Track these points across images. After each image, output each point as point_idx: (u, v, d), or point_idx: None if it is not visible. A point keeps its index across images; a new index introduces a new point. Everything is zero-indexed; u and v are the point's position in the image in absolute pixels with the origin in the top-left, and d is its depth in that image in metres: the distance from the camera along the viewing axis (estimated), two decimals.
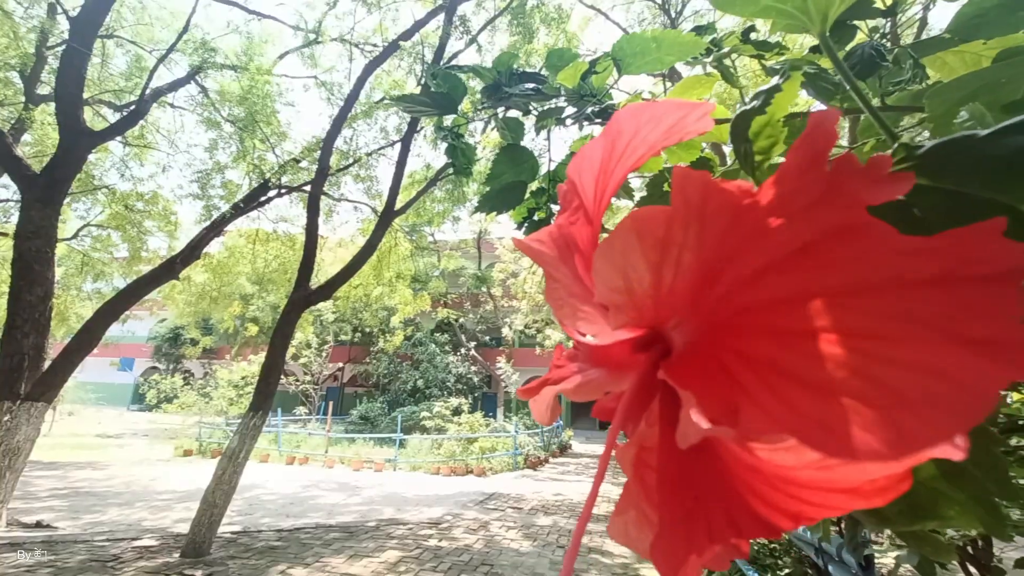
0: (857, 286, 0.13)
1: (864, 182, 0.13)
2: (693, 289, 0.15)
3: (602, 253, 0.16)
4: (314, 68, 8.64)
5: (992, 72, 0.46)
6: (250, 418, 4.89)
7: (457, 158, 1.32)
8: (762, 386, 0.14)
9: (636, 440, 0.17)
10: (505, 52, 1.05)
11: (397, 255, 9.38)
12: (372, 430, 15.76)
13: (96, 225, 9.52)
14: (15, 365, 5.08)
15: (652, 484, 0.17)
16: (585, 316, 0.19)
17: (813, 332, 0.13)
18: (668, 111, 0.17)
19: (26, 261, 5.28)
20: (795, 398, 0.13)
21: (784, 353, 0.14)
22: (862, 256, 0.13)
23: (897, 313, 0.12)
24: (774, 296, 0.14)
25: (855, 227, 0.13)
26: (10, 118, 7.34)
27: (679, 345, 0.16)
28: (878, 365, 0.12)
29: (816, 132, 0.13)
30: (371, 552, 4.81)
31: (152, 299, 12.65)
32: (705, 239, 0.15)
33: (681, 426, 0.14)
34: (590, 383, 0.18)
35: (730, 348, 0.15)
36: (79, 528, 5.44)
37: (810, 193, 0.13)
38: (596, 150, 0.18)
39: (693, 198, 0.14)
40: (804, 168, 0.13)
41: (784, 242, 0.14)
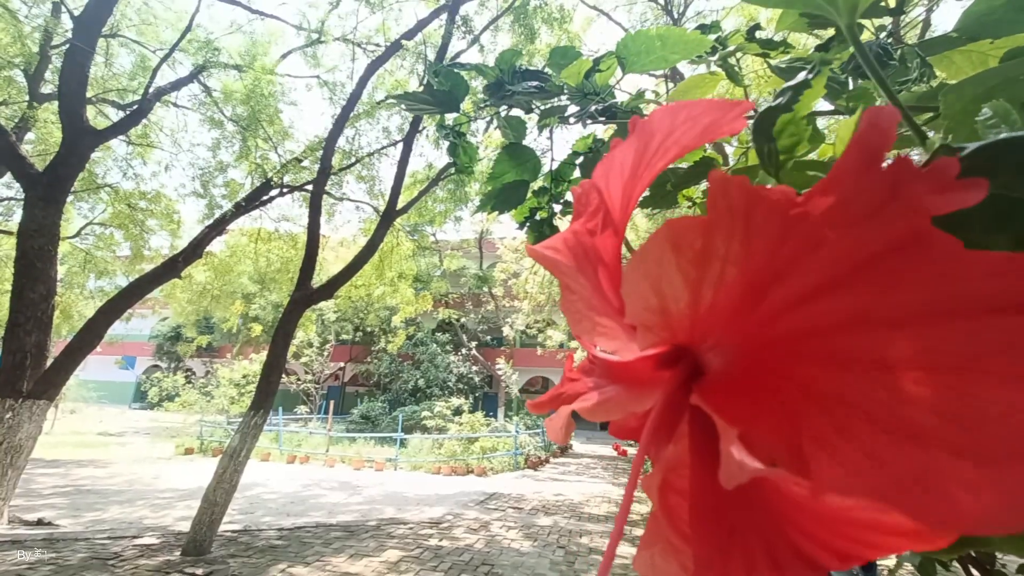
0: (934, 311, 0.11)
1: (928, 189, 0.11)
2: (737, 308, 0.14)
3: (634, 267, 0.15)
4: (317, 68, 8.64)
5: (1010, 68, 0.45)
6: (251, 417, 4.88)
7: (459, 157, 1.31)
8: (833, 427, 0.12)
9: (663, 467, 0.16)
10: (508, 50, 1.04)
11: (399, 255, 9.38)
12: (373, 429, 15.76)
13: (99, 223, 9.54)
14: (17, 363, 5.09)
15: (681, 515, 0.15)
16: (605, 331, 0.18)
17: (888, 364, 0.11)
18: (706, 111, 0.16)
19: (29, 259, 5.29)
20: (871, 441, 0.11)
21: (855, 387, 0.12)
22: (935, 275, 0.11)
23: (983, 343, 0.10)
24: (835, 319, 0.12)
25: (921, 240, 0.11)
26: (14, 116, 7.36)
27: (715, 368, 0.15)
28: (969, 406, 0.10)
29: (872, 132, 0.12)
30: (372, 551, 4.81)
31: (155, 298, 12.68)
32: (751, 252, 0.13)
33: (724, 464, 0.12)
34: (609, 402, 0.17)
35: (787, 375, 0.13)
36: (81, 526, 5.44)
37: (869, 201, 0.12)
38: (627, 154, 0.17)
39: (737, 206, 0.13)
40: (860, 172, 0.12)
41: (842, 256, 0.12)
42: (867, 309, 0.12)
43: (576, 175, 1.17)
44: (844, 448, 0.12)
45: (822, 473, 0.12)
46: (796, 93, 0.27)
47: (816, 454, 0.12)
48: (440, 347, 19.07)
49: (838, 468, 0.12)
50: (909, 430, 0.11)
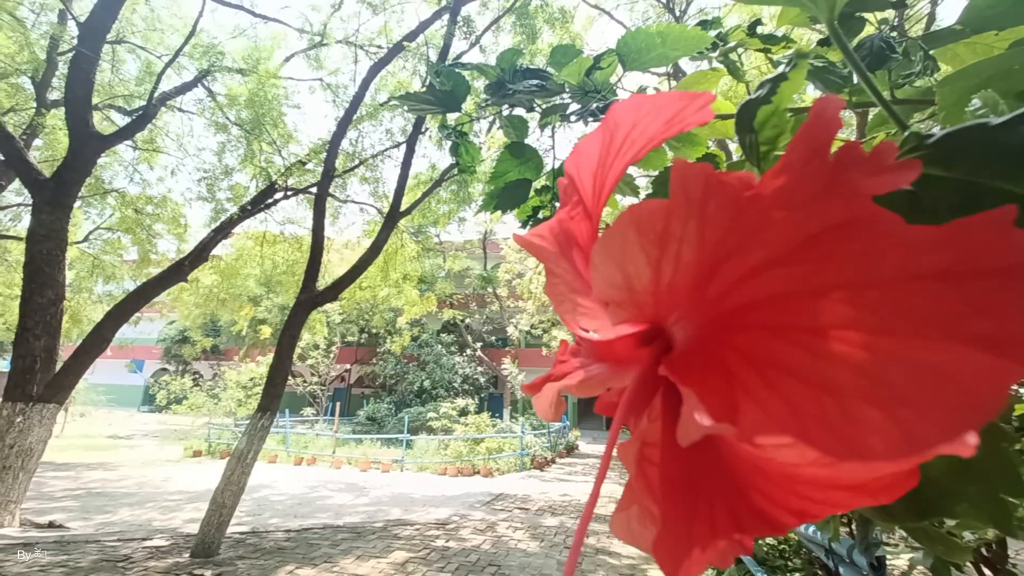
0: (863, 280, 0.12)
1: (869, 171, 0.13)
2: (693, 285, 0.15)
3: (600, 248, 0.16)
4: (319, 70, 8.69)
5: (1005, 59, 0.45)
6: (258, 419, 4.92)
7: (461, 156, 1.32)
8: (762, 383, 0.13)
9: (639, 436, 0.16)
10: (509, 49, 1.05)
11: (403, 256, 9.41)
12: (379, 431, 15.81)
13: (106, 228, 9.63)
14: (27, 367, 5.14)
15: (655, 480, 0.16)
16: (586, 311, 0.19)
17: (816, 328, 0.13)
18: (668, 102, 0.17)
19: (37, 264, 5.35)
20: (797, 396, 0.13)
21: (785, 349, 0.13)
22: (868, 249, 0.12)
23: (903, 309, 0.12)
24: (776, 291, 0.13)
25: (860, 219, 0.12)
26: (22, 123, 7.45)
27: (680, 341, 0.16)
28: (883, 363, 0.12)
29: (819, 120, 0.13)
30: (379, 552, 4.82)
31: (162, 301, 12.78)
32: (706, 233, 0.14)
33: (682, 423, 0.14)
34: (592, 379, 0.18)
35: (731, 344, 0.14)
36: (91, 528, 5.50)
37: (813, 184, 0.13)
38: (594, 144, 0.18)
39: (693, 191, 0.14)
40: (806, 158, 0.13)
41: (787, 236, 0.13)
42: (802, 281, 0.13)
43: None
44: (770, 400, 0.13)
45: (747, 417, 0.14)
46: (774, 85, 0.27)
47: (746, 406, 0.14)
48: (445, 348, 19.10)
49: (764, 416, 0.13)
50: (826, 382, 0.12)
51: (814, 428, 0.12)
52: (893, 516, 0.23)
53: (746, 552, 0.16)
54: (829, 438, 0.12)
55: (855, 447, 0.12)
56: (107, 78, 8.10)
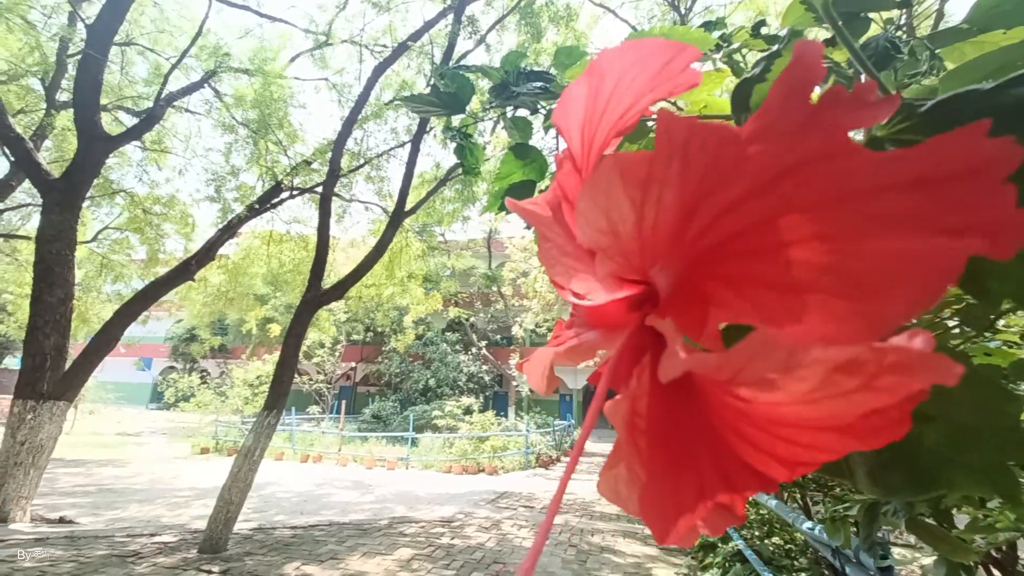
0: (835, 196, 0.13)
1: (848, 107, 0.13)
2: (675, 226, 0.15)
3: (585, 194, 0.16)
4: (325, 70, 8.72)
5: (1008, 53, 0.45)
6: (265, 417, 4.95)
7: (466, 158, 1.33)
8: (736, 296, 0.14)
9: (627, 395, 0.17)
10: (513, 51, 1.05)
11: (408, 255, 9.43)
12: (384, 429, 15.87)
13: (115, 228, 9.72)
14: (37, 365, 5.21)
15: (642, 440, 0.16)
16: (579, 275, 0.19)
17: (788, 242, 0.13)
18: (652, 52, 0.17)
19: (47, 264, 5.41)
20: (765, 298, 0.13)
21: (759, 265, 0.14)
22: (841, 172, 0.13)
23: (873, 214, 0.12)
24: (752, 220, 0.14)
25: (835, 150, 0.13)
26: (32, 124, 7.53)
27: (664, 289, 0.16)
28: (849, 260, 0.12)
29: (799, 63, 0.13)
30: (384, 550, 4.85)
31: (170, 300, 12.89)
32: (687, 174, 0.14)
33: (663, 361, 0.14)
34: (583, 344, 0.18)
35: (710, 276, 0.15)
36: (101, 524, 5.56)
37: (791, 120, 0.13)
38: (580, 93, 0.18)
39: (677, 137, 0.14)
40: (786, 97, 0.13)
41: (764, 167, 0.13)
42: (777, 205, 0.13)
43: None
44: (740, 305, 0.14)
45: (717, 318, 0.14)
46: (769, 63, 0.27)
47: (717, 314, 0.14)
48: (450, 347, 19.14)
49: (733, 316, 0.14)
50: (796, 284, 0.13)
51: (778, 314, 0.13)
52: (891, 488, 0.22)
53: (736, 520, 0.16)
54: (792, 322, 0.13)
55: (817, 331, 0.12)
56: (116, 79, 8.17)
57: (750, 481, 0.15)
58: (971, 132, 0.12)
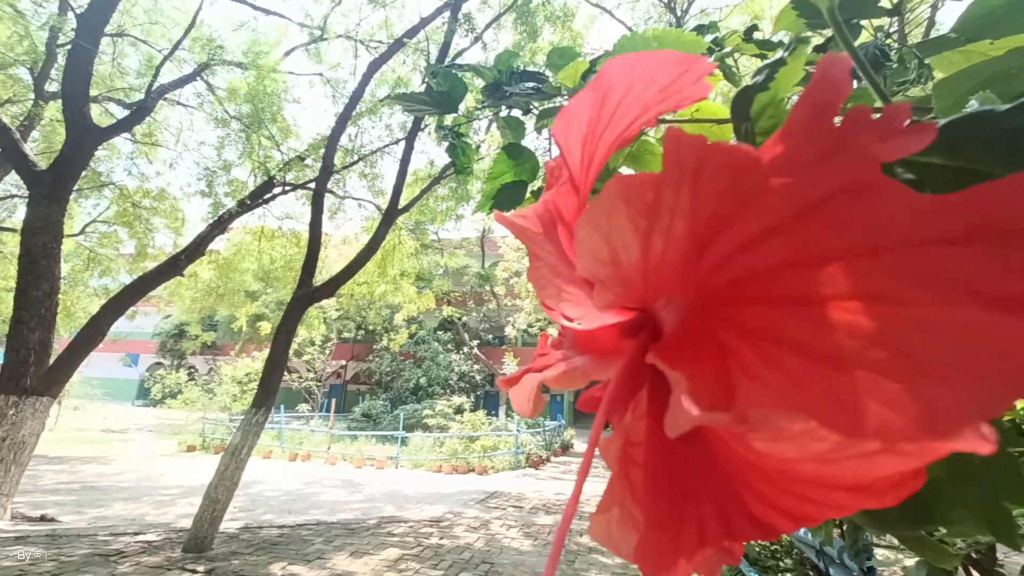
0: (870, 246, 0.11)
1: (878, 135, 0.11)
2: (685, 259, 0.14)
3: (586, 219, 0.15)
4: (319, 64, 8.65)
5: (1002, 61, 0.45)
6: (253, 414, 4.90)
7: (458, 157, 1.32)
8: (762, 360, 0.12)
9: (622, 432, 0.16)
10: (506, 51, 1.04)
11: (401, 253, 9.39)
12: (374, 428, 15.80)
13: (103, 221, 9.58)
14: (21, 360, 5.11)
15: (638, 480, 0.15)
16: (570, 297, 0.18)
17: (820, 298, 0.12)
18: (664, 65, 0.16)
19: (33, 256, 5.32)
20: (801, 371, 0.12)
21: (786, 322, 0.12)
22: (875, 214, 0.11)
23: (917, 273, 0.11)
24: (775, 262, 0.12)
25: (866, 185, 0.11)
26: (20, 115, 7.39)
27: (670, 325, 0.15)
28: (898, 331, 0.11)
29: (824, 80, 0.12)
30: (372, 549, 4.82)
31: (158, 295, 12.74)
32: (699, 202, 0.13)
33: (671, 413, 0.13)
34: (574, 371, 0.17)
35: (725, 322, 0.13)
36: (84, 522, 5.47)
37: (816, 147, 0.12)
38: (583, 106, 0.17)
39: (687, 159, 0.13)
40: (810, 120, 0.12)
41: (787, 202, 0.12)
42: (802, 249, 0.12)
43: None
44: (770, 376, 0.12)
45: (747, 396, 0.12)
46: (772, 71, 0.26)
47: (744, 384, 0.13)
48: (442, 345, 19.09)
49: (764, 391, 0.12)
50: (833, 355, 0.11)
51: (822, 403, 0.11)
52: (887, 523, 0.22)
53: (734, 561, 0.16)
54: (840, 413, 0.11)
55: (870, 423, 0.11)
56: (107, 70, 8.05)
57: (753, 530, 0.14)
58: (1016, 184, 0.10)
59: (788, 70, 0.27)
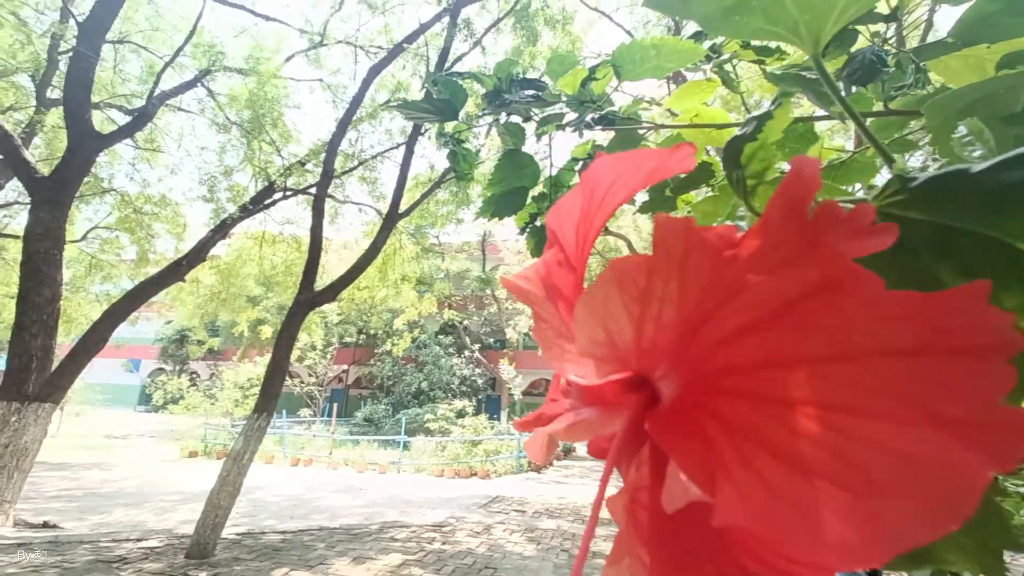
0: (836, 354, 0.12)
1: (845, 233, 0.12)
2: (675, 344, 0.15)
3: (583, 306, 0.16)
4: (320, 70, 8.69)
5: (991, 84, 0.46)
6: (255, 419, 4.90)
7: (459, 164, 1.32)
8: (737, 455, 0.13)
9: (627, 487, 0.16)
10: (505, 59, 1.05)
11: (402, 257, 9.40)
12: (376, 432, 15.79)
13: (104, 227, 9.61)
14: (23, 366, 5.12)
15: (646, 531, 0.16)
16: (573, 357, 0.19)
17: (790, 401, 0.12)
18: (648, 159, 0.17)
19: (35, 263, 5.33)
20: (769, 473, 0.12)
21: (761, 421, 0.13)
22: (842, 319, 0.12)
23: (875, 385, 0.11)
24: (753, 359, 0.13)
25: (837, 283, 0.12)
26: (21, 122, 7.43)
27: (665, 396, 0.15)
28: (855, 444, 0.11)
29: (796, 181, 0.13)
30: (374, 555, 4.81)
31: (160, 301, 12.76)
32: (685, 293, 0.14)
33: (666, 490, 0.14)
34: (580, 424, 0.17)
35: (711, 410, 0.14)
36: (86, 528, 5.47)
37: (789, 247, 0.13)
38: (575, 201, 0.18)
39: (674, 248, 0.14)
40: (783, 220, 0.13)
41: (763, 300, 0.13)
42: (776, 350, 0.13)
43: (575, 181, 1.17)
44: (743, 477, 0.13)
45: (723, 498, 0.13)
46: (760, 123, 0.27)
47: (721, 481, 0.13)
48: (443, 350, 19.09)
49: (737, 495, 0.13)
50: (800, 463, 0.12)
51: (785, 512, 0.12)
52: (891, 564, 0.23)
53: None
54: (799, 524, 0.12)
55: (824, 538, 0.11)
56: (108, 77, 8.09)
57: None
58: (973, 295, 0.11)
59: (775, 123, 0.28)
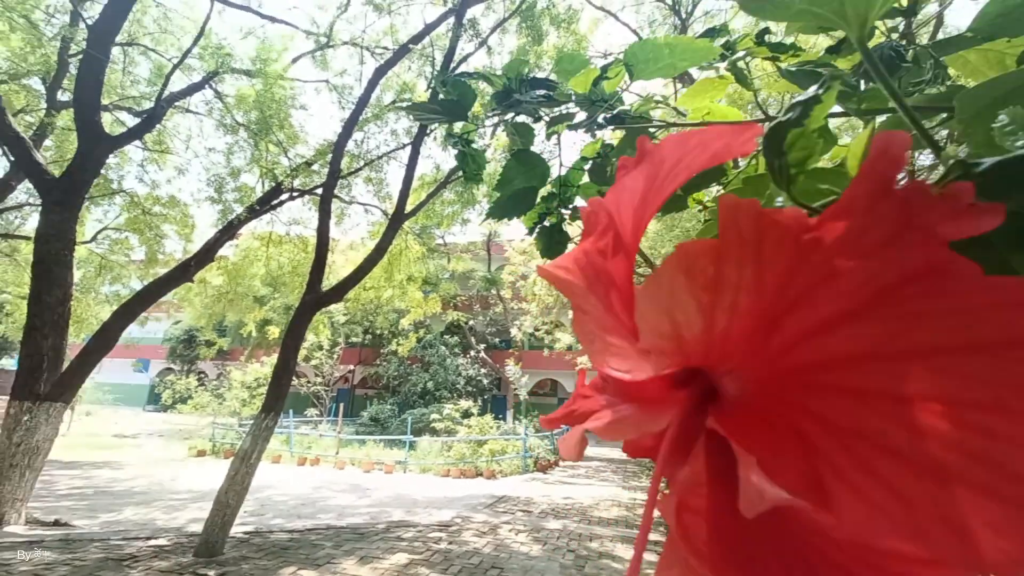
0: (953, 344, 0.11)
1: (943, 215, 0.11)
2: (752, 335, 0.14)
3: (646, 294, 0.15)
4: (326, 71, 8.72)
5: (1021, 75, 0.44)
6: (262, 419, 4.93)
7: (467, 165, 1.32)
8: (849, 458, 0.12)
9: (679, 488, 0.15)
10: (515, 59, 1.04)
11: (408, 257, 9.42)
12: (382, 432, 15.82)
13: (114, 228, 9.70)
14: (34, 366, 5.18)
15: (700, 536, 0.15)
16: (618, 351, 0.18)
17: (907, 398, 0.11)
18: (716, 137, 0.16)
19: (46, 264, 5.39)
20: (900, 483, 0.11)
21: (874, 420, 0.11)
22: (952, 307, 0.11)
23: (1010, 381, 0.10)
24: (850, 351, 0.12)
25: (936, 269, 0.11)
26: (33, 124, 7.51)
27: (731, 392, 0.14)
28: (998, 446, 0.10)
29: (882, 158, 0.12)
30: (381, 554, 4.82)
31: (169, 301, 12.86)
32: (762, 280, 0.13)
33: (745, 493, 0.12)
34: (623, 421, 0.17)
35: (804, 408, 0.13)
36: (96, 527, 5.52)
37: (883, 229, 0.12)
38: (638, 181, 0.17)
39: (746, 232, 0.13)
40: (873, 200, 0.12)
41: (858, 287, 0.12)
42: (883, 341, 0.11)
43: (585, 180, 1.16)
44: (866, 484, 0.12)
45: (843, 508, 0.12)
46: (807, 108, 0.26)
47: (838, 489, 0.12)
48: (449, 350, 19.11)
49: (861, 504, 0.12)
50: (932, 467, 0.11)
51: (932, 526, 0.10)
52: None
53: None
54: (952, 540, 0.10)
55: (982, 554, 0.10)
56: (118, 79, 8.17)
57: None
58: None
59: (822, 107, 0.27)
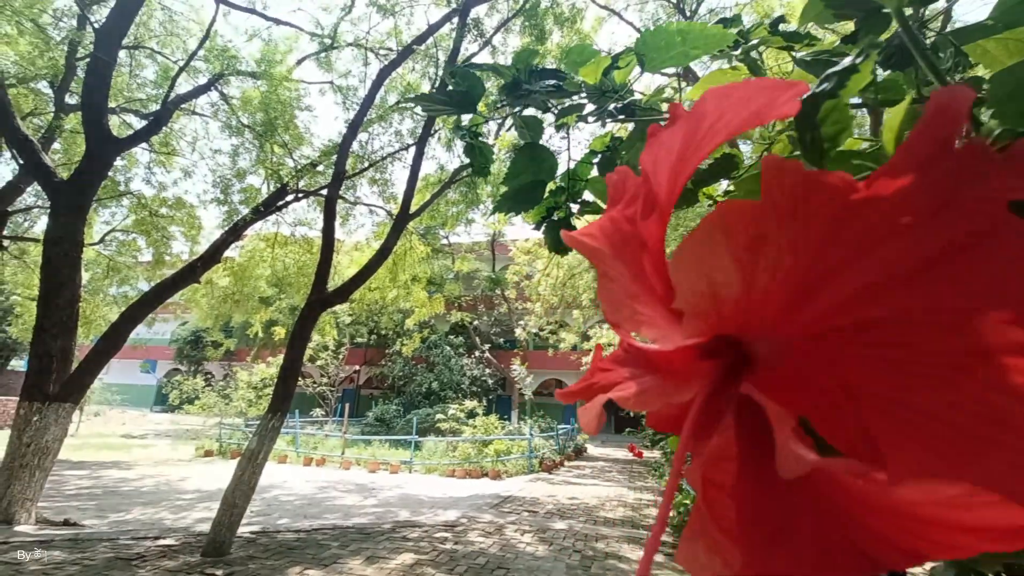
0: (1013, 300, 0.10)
1: (1009, 174, 0.11)
2: (792, 297, 0.13)
3: (684, 252, 0.14)
4: (330, 73, 8.75)
5: None
6: (269, 420, 4.94)
7: (475, 158, 1.31)
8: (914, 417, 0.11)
9: (705, 460, 0.15)
10: (525, 49, 1.04)
11: (412, 258, 9.43)
12: (388, 432, 15.85)
13: (121, 230, 9.77)
14: (44, 367, 5.22)
15: (725, 509, 0.14)
16: (645, 319, 0.17)
17: (972, 354, 0.10)
18: (759, 91, 0.15)
19: (54, 266, 5.43)
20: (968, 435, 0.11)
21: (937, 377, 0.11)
22: (1011, 265, 0.10)
23: None
24: (909, 312, 0.11)
25: (996, 228, 0.10)
26: (41, 127, 7.58)
27: (766, 357, 0.14)
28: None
29: (940, 115, 0.11)
30: (387, 554, 4.82)
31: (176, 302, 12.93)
32: (809, 240, 0.12)
33: (781, 455, 0.12)
34: (648, 392, 0.16)
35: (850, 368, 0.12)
36: (105, 526, 5.56)
37: (944, 187, 0.11)
38: (676, 137, 0.17)
39: (792, 191, 0.12)
40: (932, 158, 0.11)
41: (914, 247, 0.11)
42: (943, 301, 0.11)
43: (593, 174, 1.15)
44: (930, 439, 0.11)
45: (905, 463, 0.11)
46: (843, 78, 0.25)
47: (899, 444, 0.12)
48: (454, 350, 19.13)
49: (927, 459, 0.11)
50: (999, 417, 0.11)
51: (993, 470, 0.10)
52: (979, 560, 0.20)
53: None
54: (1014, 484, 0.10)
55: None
56: (124, 82, 8.23)
57: (859, 565, 0.13)
58: None
59: (859, 76, 0.26)
